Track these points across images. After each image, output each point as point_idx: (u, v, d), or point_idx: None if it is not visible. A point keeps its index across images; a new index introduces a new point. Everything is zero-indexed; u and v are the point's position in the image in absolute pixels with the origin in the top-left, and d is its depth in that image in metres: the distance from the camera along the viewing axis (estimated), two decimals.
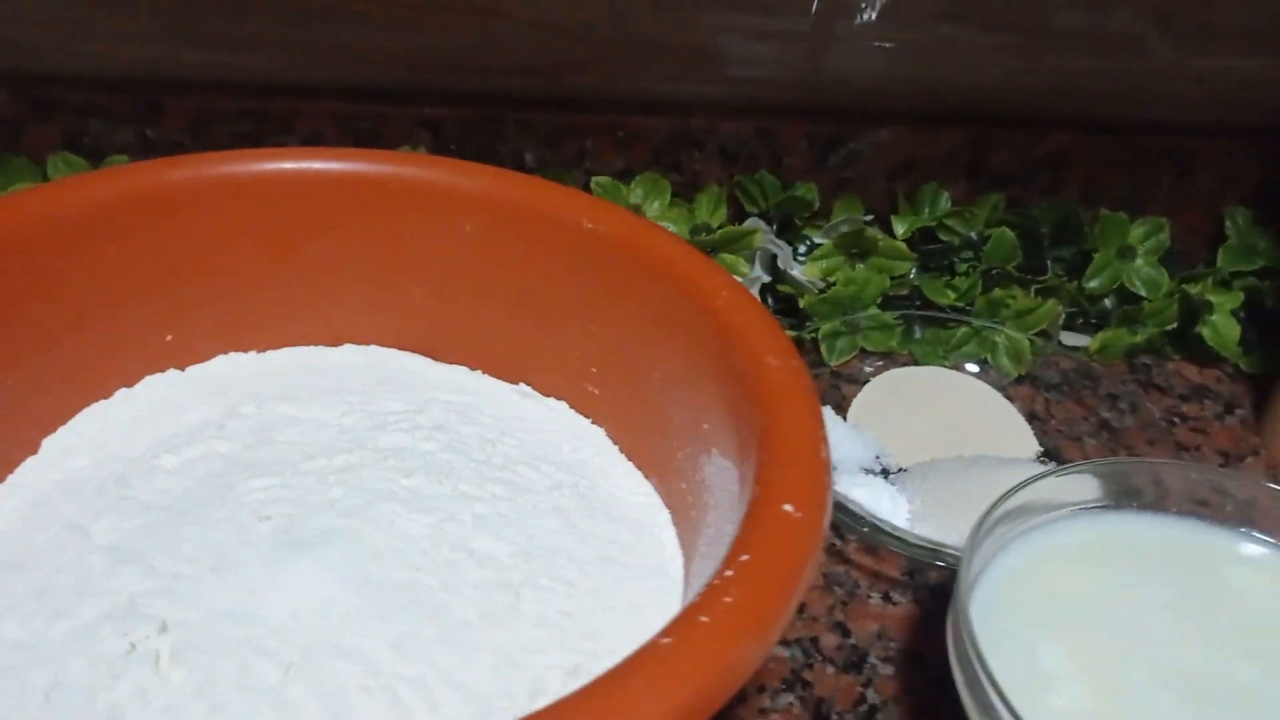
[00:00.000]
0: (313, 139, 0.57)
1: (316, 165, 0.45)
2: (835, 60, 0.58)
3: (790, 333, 0.57)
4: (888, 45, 0.58)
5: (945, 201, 0.61)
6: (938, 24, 0.57)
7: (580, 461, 0.44)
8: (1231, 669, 0.37)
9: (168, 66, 0.55)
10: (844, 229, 0.58)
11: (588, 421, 0.46)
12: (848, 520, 0.47)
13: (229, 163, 0.45)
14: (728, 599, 0.29)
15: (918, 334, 0.60)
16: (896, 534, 0.46)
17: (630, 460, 0.44)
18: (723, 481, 0.37)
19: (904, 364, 0.58)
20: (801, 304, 0.58)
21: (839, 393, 0.56)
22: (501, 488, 0.41)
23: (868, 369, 0.58)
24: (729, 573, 0.29)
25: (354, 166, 0.45)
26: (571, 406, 0.47)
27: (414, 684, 0.33)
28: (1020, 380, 0.59)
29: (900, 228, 0.59)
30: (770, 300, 0.60)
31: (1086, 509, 0.43)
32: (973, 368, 0.58)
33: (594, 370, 0.46)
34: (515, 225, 0.45)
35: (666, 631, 0.28)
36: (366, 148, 0.48)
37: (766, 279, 0.59)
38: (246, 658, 0.32)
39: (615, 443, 0.45)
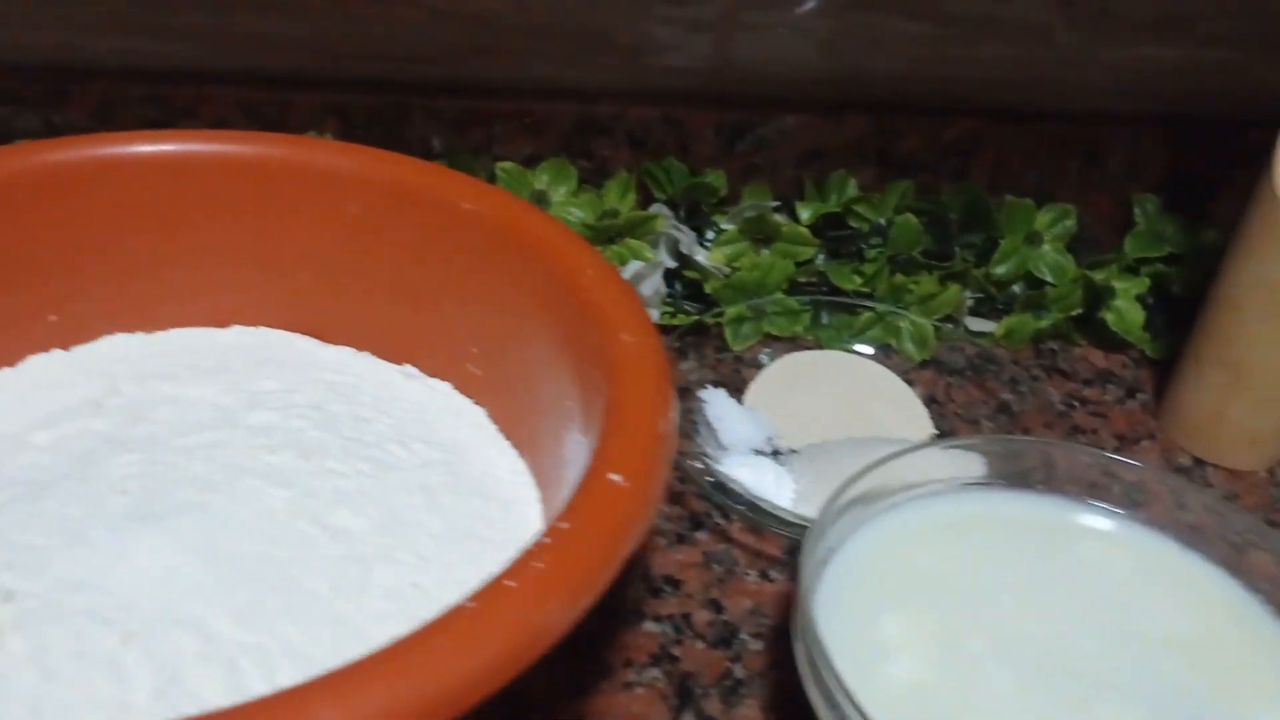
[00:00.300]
0: (219, 125, 0.57)
1: (197, 147, 0.46)
2: (743, 48, 0.59)
3: (694, 317, 0.58)
4: (796, 33, 0.58)
5: (852, 188, 0.61)
6: (846, 11, 0.58)
7: (456, 440, 0.44)
8: (1075, 642, 0.37)
9: (74, 52, 0.56)
10: (748, 214, 0.59)
11: (469, 401, 0.46)
12: (728, 500, 0.47)
13: (110, 144, 0.45)
14: (538, 565, 0.29)
15: (825, 320, 0.60)
16: (776, 513, 0.46)
17: (508, 439, 0.45)
18: (577, 457, 0.38)
19: (808, 349, 0.59)
20: (707, 289, 0.59)
21: (740, 376, 0.57)
22: (369, 465, 0.41)
23: (764, 355, 0.58)
24: (546, 540, 0.30)
25: (234, 148, 0.46)
26: (455, 387, 0.47)
27: (252, 653, 0.33)
28: (924, 365, 0.59)
29: (805, 213, 0.60)
30: (678, 285, 0.60)
31: (957, 487, 0.43)
32: (867, 349, 0.59)
33: (475, 350, 0.46)
34: (397, 207, 0.46)
35: (474, 597, 0.28)
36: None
37: (672, 264, 0.59)
38: (85, 626, 0.33)
39: (495, 422, 0.46)
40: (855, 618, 0.37)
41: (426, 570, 0.37)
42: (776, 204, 0.60)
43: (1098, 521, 0.42)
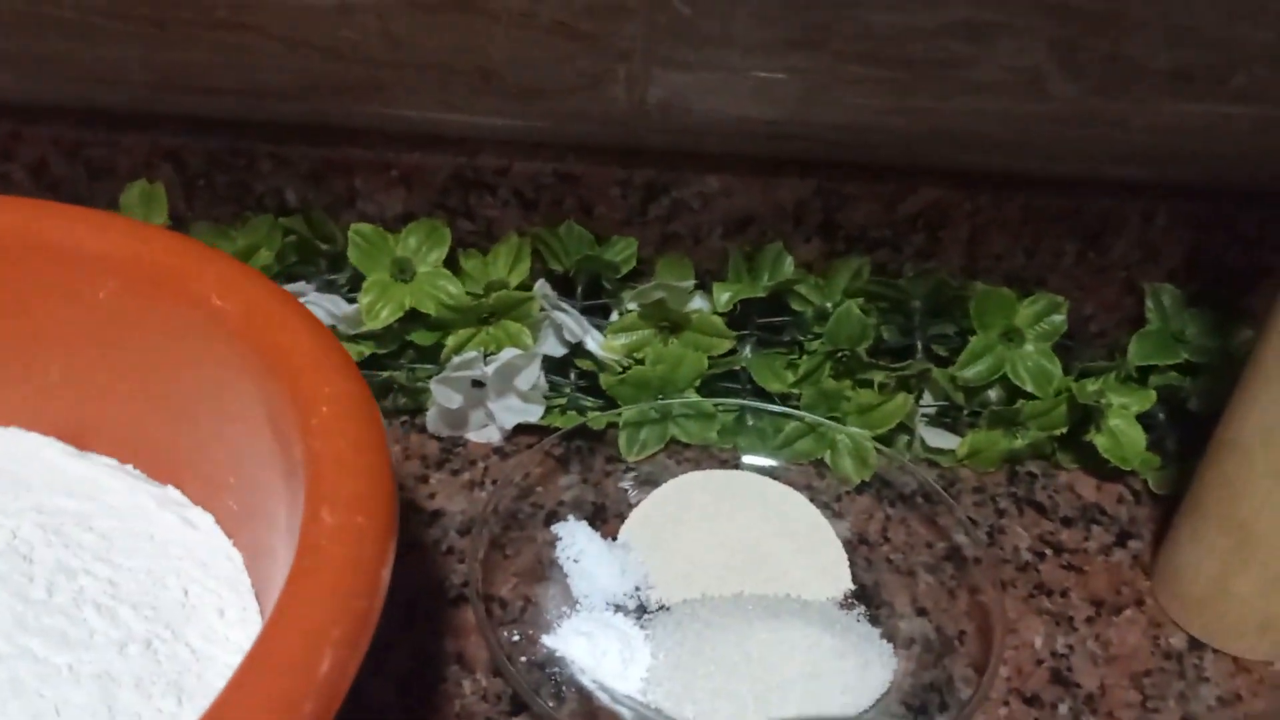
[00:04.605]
0: (38, 168, 0.49)
1: None
2: (658, 92, 0.48)
3: (587, 415, 0.48)
4: (725, 73, 0.48)
5: (788, 266, 0.50)
6: (788, 50, 0.47)
7: (183, 605, 0.35)
8: None
9: None
10: (657, 295, 0.48)
11: (229, 544, 0.37)
12: (554, 680, 0.37)
13: None
14: None
15: (750, 424, 0.50)
16: (613, 707, 0.36)
17: (260, 599, 0.35)
18: None
19: (720, 463, 0.48)
20: (603, 385, 0.49)
21: (626, 498, 0.46)
22: (41, 644, 0.32)
23: (641, 473, 0.48)
24: None
25: None
26: (218, 520, 0.38)
27: None
28: (863, 488, 0.48)
29: (722, 297, 0.49)
30: (573, 376, 0.50)
31: None
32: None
33: (232, 480, 0.37)
34: (149, 295, 0.37)
35: None
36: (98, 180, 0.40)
37: (557, 352, 0.49)
38: None
39: (250, 573, 0.36)
40: None
41: None
42: (693, 284, 0.49)
43: None
